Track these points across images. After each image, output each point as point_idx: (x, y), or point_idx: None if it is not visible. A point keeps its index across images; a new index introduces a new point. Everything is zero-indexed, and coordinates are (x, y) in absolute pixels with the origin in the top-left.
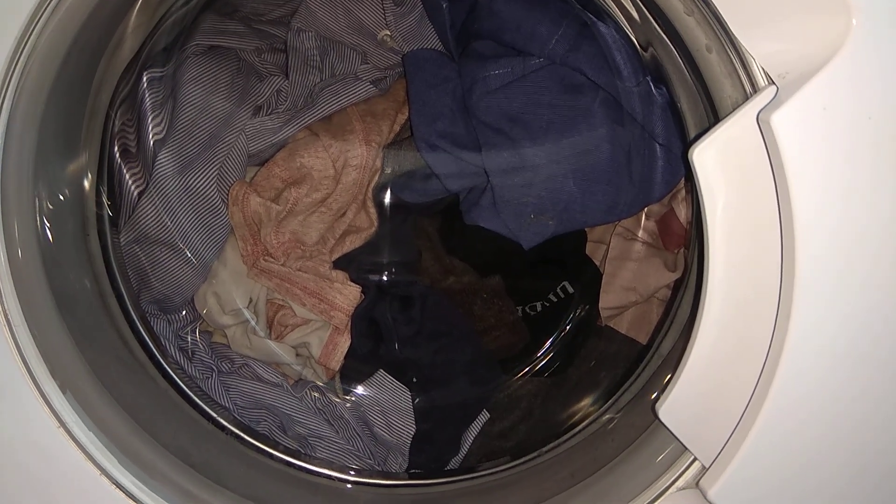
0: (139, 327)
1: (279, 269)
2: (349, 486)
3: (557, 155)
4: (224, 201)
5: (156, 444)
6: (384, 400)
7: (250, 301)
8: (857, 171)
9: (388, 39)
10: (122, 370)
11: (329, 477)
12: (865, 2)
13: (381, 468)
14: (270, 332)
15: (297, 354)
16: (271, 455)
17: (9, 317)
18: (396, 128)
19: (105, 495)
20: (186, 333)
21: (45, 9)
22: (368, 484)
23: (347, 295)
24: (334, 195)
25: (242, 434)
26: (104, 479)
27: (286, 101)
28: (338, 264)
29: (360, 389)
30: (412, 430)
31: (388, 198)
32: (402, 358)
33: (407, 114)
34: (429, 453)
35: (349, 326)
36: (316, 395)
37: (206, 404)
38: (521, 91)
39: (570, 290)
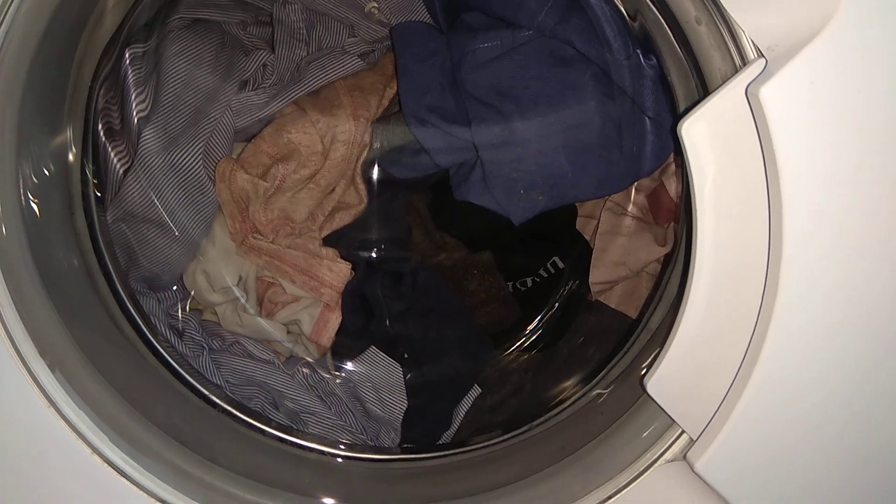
0: (128, 305)
1: (268, 246)
2: (340, 460)
3: (547, 129)
4: (211, 178)
5: (147, 422)
6: (376, 376)
7: (240, 279)
8: (844, 146)
9: (376, 12)
10: (112, 348)
11: (320, 452)
12: None
13: (374, 443)
14: (261, 309)
15: (288, 332)
16: (263, 431)
17: None
18: (385, 102)
19: (96, 473)
20: (176, 311)
21: None
22: (359, 458)
23: (337, 272)
24: (322, 171)
25: (234, 410)
26: (95, 458)
27: (272, 75)
28: (327, 241)
29: (351, 365)
30: (404, 405)
31: (377, 173)
32: (393, 334)
33: (395, 88)
34: (420, 428)
35: (340, 303)
36: (307, 371)
37: (196, 381)
38: (511, 64)
39: (561, 265)
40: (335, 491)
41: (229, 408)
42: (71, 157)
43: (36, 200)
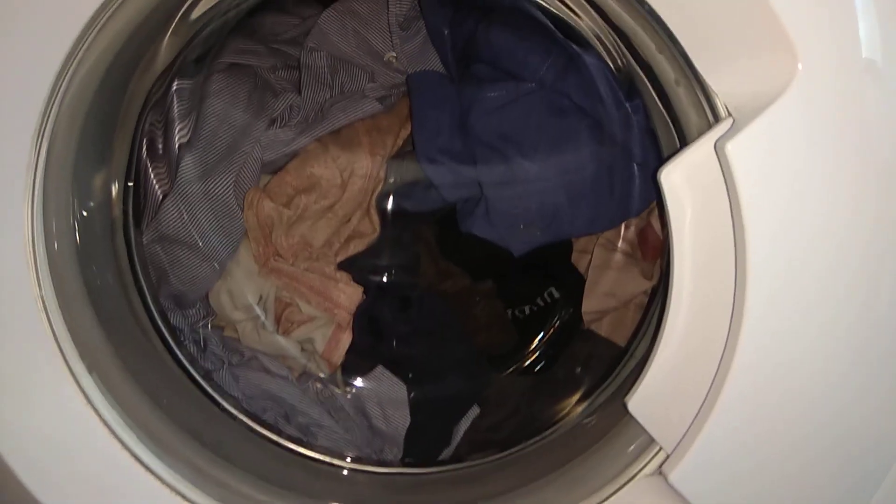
0: (157, 320)
1: (288, 268)
2: (345, 471)
3: (546, 172)
4: (240, 206)
5: (172, 424)
6: (382, 393)
7: (260, 298)
8: (800, 193)
9: (394, 61)
10: (143, 356)
11: (328, 463)
12: (811, 49)
13: (378, 457)
14: (278, 327)
15: (303, 349)
16: (275, 441)
17: (45, 302)
18: (399, 142)
19: (126, 467)
20: (200, 327)
21: (94, 28)
22: (364, 471)
23: (350, 294)
24: (341, 202)
25: (249, 422)
26: (125, 453)
27: (298, 114)
28: (342, 266)
29: (359, 382)
30: (407, 421)
31: (390, 206)
32: (400, 354)
33: (409, 129)
34: (421, 444)
35: (351, 324)
36: (319, 386)
37: (216, 392)
38: (515, 112)
39: (556, 295)
40: (343, 497)
41: (245, 419)
42: (115, 185)
43: (84, 221)
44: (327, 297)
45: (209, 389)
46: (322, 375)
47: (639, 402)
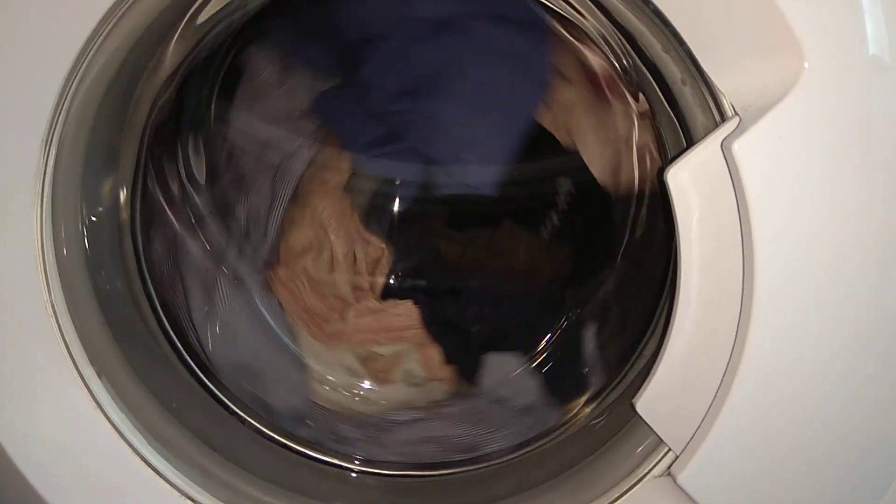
0: (165, 324)
1: (343, 326)
2: (354, 474)
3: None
4: None
5: (181, 427)
6: (501, 374)
7: (348, 370)
8: (806, 192)
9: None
10: (152, 360)
11: (336, 465)
12: (817, 46)
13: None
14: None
15: (412, 385)
16: (284, 444)
17: (55, 307)
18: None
19: (134, 470)
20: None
21: (101, 34)
22: (372, 473)
23: (404, 312)
24: (334, 246)
25: (258, 425)
26: (134, 456)
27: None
28: (383, 295)
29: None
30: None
31: (380, 222)
32: (487, 334)
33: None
34: (561, 386)
35: (429, 337)
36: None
37: (224, 395)
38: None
39: (569, 186)
40: (352, 499)
41: (253, 421)
42: (123, 190)
43: (92, 227)
44: (390, 328)
45: (218, 392)
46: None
47: (647, 403)
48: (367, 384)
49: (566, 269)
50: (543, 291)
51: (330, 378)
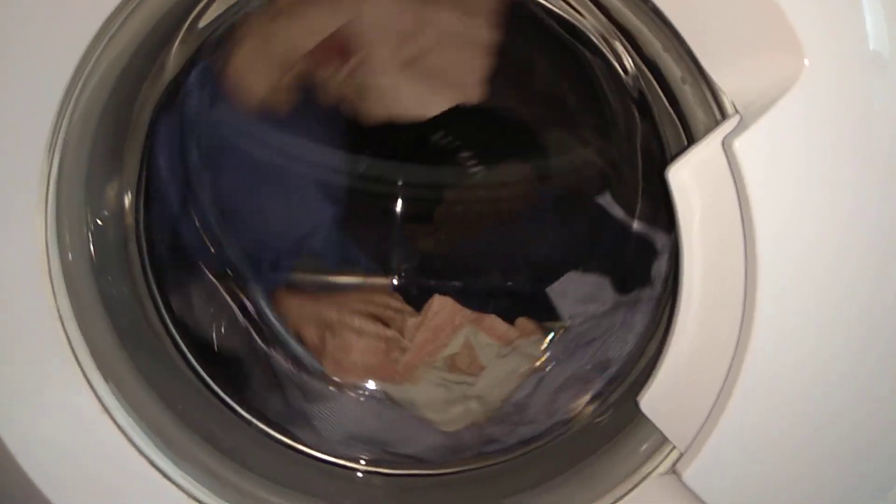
0: (171, 327)
1: (409, 357)
2: (360, 474)
3: None
4: None
5: (188, 430)
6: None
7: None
8: (808, 189)
9: None
10: (158, 364)
11: (342, 466)
12: (817, 43)
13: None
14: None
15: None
16: (290, 445)
17: (61, 312)
18: None
19: (142, 472)
20: None
21: (104, 38)
22: (379, 473)
23: (440, 307)
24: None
25: (265, 426)
26: (142, 459)
27: None
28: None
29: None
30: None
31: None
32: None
33: None
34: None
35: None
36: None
37: (230, 398)
38: None
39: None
40: (358, 499)
41: (260, 423)
42: (128, 194)
43: (97, 231)
44: (441, 328)
45: (224, 395)
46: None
47: (651, 401)
48: (470, 381)
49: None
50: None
51: (441, 406)
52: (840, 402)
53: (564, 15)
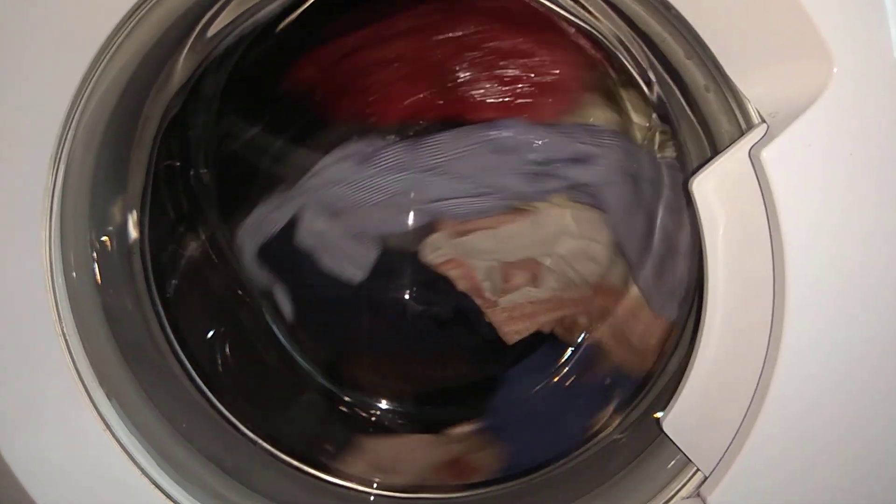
0: (175, 345)
1: None
2: (372, 497)
3: None
4: None
5: (192, 450)
6: None
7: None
8: (836, 200)
9: None
10: (162, 382)
11: (354, 490)
12: (846, 52)
13: None
14: None
15: None
16: (298, 468)
17: (65, 330)
18: None
19: (145, 492)
20: None
21: (110, 48)
22: (390, 497)
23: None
24: None
25: (270, 447)
26: (144, 479)
27: None
28: None
29: None
30: None
31: None
32: None
33: None
34: None
35: None
36: None
37: (235, 417)
38: None
39: None
40: None
41: (265, 444)
42: (132, 209)
43: (101, 246)
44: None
45: (229, 415)
46: None
47: (674, 422)
48: None
49: None
50: None
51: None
52: (872, 426)
53: (583, 23)
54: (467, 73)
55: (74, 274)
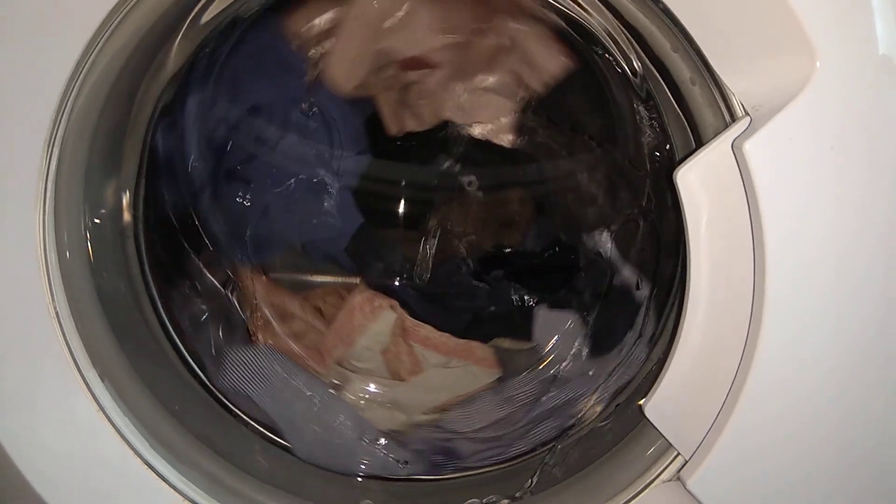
0: (168, 326)
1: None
2: (359, 478)
3: None
4: None
5: (184, 431)
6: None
7: None
8: (817, 192)
9: None
10: (155, 363)
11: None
12: (829, 47)
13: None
14: None
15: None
16: (289, 449)
17: (58, 311)
18: None
19: (137, 474)
20: None
21: (104, 33)
22: (377, 478)
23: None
24: None
25: (263, 429)
26: (137, 460)
27: None
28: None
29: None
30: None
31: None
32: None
33: None
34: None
35: None
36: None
37: (227, 399)
38: None
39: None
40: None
41: (258, 426)
42: (126, 192)
43: (95, 228)
44: (352, 309)
45: (221, 396)
46: None
47: (655, 407)
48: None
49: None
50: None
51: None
52: (849, 409)
53: (572, 13)
54: None
55: (68, 254)
